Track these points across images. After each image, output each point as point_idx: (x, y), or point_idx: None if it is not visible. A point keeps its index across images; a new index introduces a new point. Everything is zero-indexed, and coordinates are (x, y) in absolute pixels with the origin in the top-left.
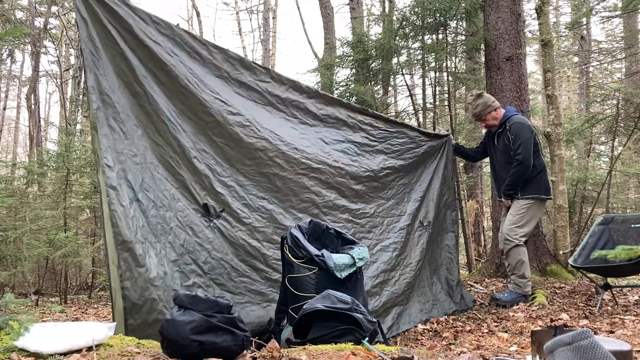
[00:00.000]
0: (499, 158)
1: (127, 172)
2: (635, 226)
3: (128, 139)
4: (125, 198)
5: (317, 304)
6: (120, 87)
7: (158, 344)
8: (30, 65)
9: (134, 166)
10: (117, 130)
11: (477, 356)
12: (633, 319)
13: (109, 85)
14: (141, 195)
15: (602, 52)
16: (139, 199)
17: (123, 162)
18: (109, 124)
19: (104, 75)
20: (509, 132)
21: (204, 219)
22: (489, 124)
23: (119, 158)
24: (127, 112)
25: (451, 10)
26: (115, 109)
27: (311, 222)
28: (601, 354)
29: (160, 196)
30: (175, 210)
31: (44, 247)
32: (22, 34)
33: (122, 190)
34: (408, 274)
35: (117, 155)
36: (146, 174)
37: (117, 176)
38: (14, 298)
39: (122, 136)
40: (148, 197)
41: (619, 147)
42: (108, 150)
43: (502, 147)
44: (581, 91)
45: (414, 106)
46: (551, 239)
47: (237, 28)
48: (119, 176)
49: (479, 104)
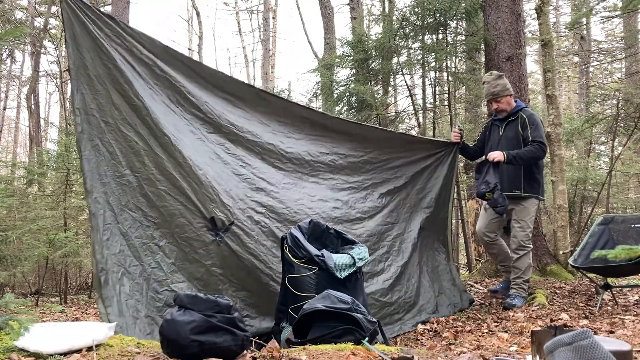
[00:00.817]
0: (504, 147)
1: (109, 195)
2: (635, 226)
3: (115, 159)
4: (101, 225)
5: (317, 304)
6: (115, 102)
7: (158, 344)
8: (30, 65)
9: (119, 188)
10: (102, 151)
11: (477, 356)
12: (633, 319)
13: (98, 105)
14: (124, 217)
15: (602, 52)
16: (119, 222)
17: (106, 184)
18: (94, 144)
19: (93, 93)
20: (527, 120)
21: (209, 233)
22: (501, 107)
23: (102, 180)
24: (121, 128)
25: (451, 10)
26: (101, 129)
27: (311, 222)
28: (601, 354)
29: (153, 214)
30: (172, 226)
31: (44, 247)
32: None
33: (98, 217)
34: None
35: (99, 178)
36: (134, 193)
37: (94, 202)
38: (14, 298)
39: (108, 157)
40: (133, 218)
41: (619, 147)
42: (88, 174)
43: (512, 135)
44: (581, 91)
45: (414, 106)
46: (551, 239)
47: (237, 28)
48: (96, 202)
49: (499, 83)
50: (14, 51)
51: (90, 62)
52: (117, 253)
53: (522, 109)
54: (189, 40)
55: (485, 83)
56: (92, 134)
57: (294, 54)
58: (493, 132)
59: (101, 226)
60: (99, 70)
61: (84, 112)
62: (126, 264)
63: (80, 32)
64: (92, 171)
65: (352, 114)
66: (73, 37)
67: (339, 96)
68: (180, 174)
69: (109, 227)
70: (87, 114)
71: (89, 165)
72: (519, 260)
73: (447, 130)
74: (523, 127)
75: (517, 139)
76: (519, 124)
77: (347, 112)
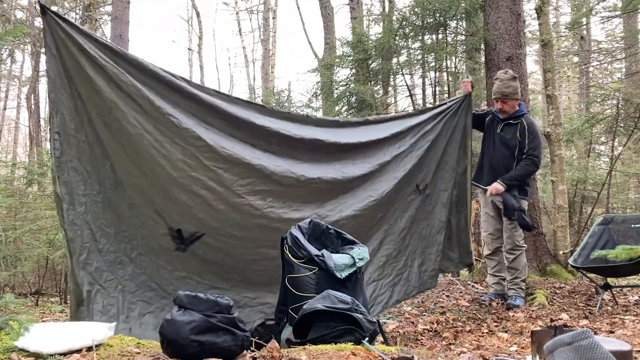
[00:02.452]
0: (497, 147)
1: (87, 214)
2: (635, 226)
3: (91, 178)
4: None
5: (317, 304)
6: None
7: (158, 344)
8: (30, 65)
9: (95, 205)
10: (80, 171)
11: (477, 356)
12: (633, 319)
13: (76, 125)
14: (100, 234)
15: (602, 52)
16: (96, 239)
17: (84, 203)
18: (72, 165)
19: (72, 113)
20: (526, 129)
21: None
22: (505, 108)
23: (80, 200)
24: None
25: (451, 10)
26: (80, 148)
27: (311, 222)
28: (601, 354)
29: (124, 228)
30: (138, 238)
31: (44, 247)
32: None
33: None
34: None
35: (77, 199)
36: (109, 210)
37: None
38: (14, 298)
39: (86, 176)
40: (107, 234)
41: (619, 147)
42: (66, 197)
43: (509, 137)
44: (581, 91)
45: (414, 106)
46: (551, 239)
47: (237, 28)
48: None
49: (511, 85)
50: (14, 51)
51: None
52: (93, 271)
53: (524, 114)
54: (189, 40)
55: (498, 80)
56: (71, 155)
57: (294, 54)
58: (492, 125)
59: (78, 248)
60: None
61: (64, 133)
62: (101, 280)
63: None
64: (70, 193)
65: (352, 113)
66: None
67: (339, 96)
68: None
69: (87, 246)
70: (67, 134)
71: (67, 188)
72: (515, 261)
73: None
74: (522, 134)
75: (513, 143)
76: (519, 129)
77: (347, 112)
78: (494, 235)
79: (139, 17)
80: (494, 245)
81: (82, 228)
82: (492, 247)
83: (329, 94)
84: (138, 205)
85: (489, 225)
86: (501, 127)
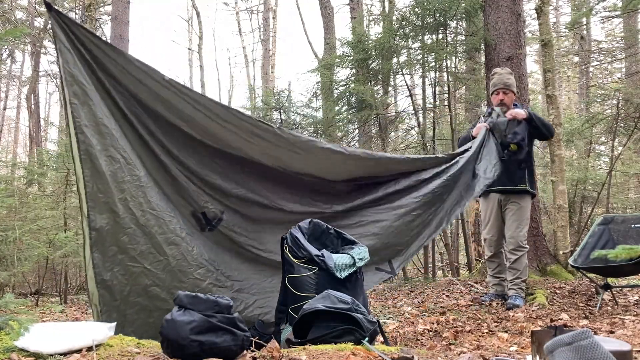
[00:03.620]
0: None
1: (129, 200)
2: (635, 226)
3: (130, 163)
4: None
5: (317, 304)
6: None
7: (158, 344)
8: (30, 65)
9: (138, 190)
10: (117, 159)
11: (477, 356)
12: (633, 319)
13: (104, 114)
14: (147, 217)
15: (602, 52)
16: (142, 224)
17: (125, 190)
18: (108, 154)
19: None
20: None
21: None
22: (506, 100)
23: (121, 187)
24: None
25: (451, 10)
26: (113, 137)
27: (311, 222)
28: (601, 354)
29: (169, 208)
30: (185, 217)
31: (44, 247)
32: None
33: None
34: None
35: (117, 186)
36: (152, 192)
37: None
38: (14, 298)
39: (124, 162)
40: (155, 216)
41: (619, 147)
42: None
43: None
44: (581, 91)
45: (414, 106)
46: (551, 239)
47: (237, 28)
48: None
49: (511, 78)
50: (14, 51)
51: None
52: (137, 254)
53: (519, 106)
54: (189, 40)
55: (497, 74)
56: (105, 144)
57: (294, 54)
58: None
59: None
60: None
61: (94, 124)
62: (146, 262)
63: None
64: (106, 182)
65: (352, 113)
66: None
67: (339, 96)
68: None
69: (129, 230)
70: (97, 124)
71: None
72: (517, 261)
73: (446, 131)
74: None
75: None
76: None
77: (347, 111)
78: (495, 237)
79: (139, 17)
80: (496, 248)
81: (125, 213)
82: (494, 249)
83: (329, 94)
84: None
85: (491, 227)
86: None
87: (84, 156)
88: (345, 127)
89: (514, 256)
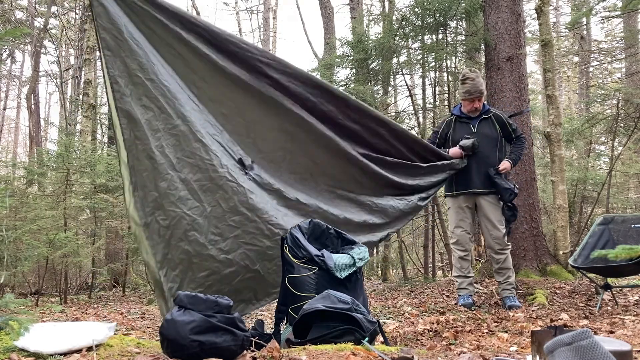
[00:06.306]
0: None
1: (165, 147)
2: (635, 226)
3: (164, 112)
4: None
5: (317, 304)
6: (152, 60)
7: (158, 344)
8: (30, 65)
9: (173, 138)
10: (151, 107)
11: (477, 356)
12: (633, 319)
13: (139, 64)
14: (182, 164)
15: (602, 52)
16: (178, 170)
17: (160, 137)
18: (142, 103)
19: (132, 54)
20: (501, 117)
21: (241, 172)
22: (477, 106)
23: (156, 135)
24: (163, 82)
25: (451, 10)
26: (146, 87)
27: (311, 222)
28: (601, 354)
29: (207, 157)
30: (221, 167)
31: (44, 247)
32: (22, 34)
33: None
34: None
35: (152, 133)
36: (188, 141)
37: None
38: (14, 298)
39: (158, 111)
40: (190, 164)
41: (619, 147)
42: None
43: (489, 132)
44: (581, 91)
45: (414, 106)
46: (551, 239)
47: (237, 28)
48: (149, 158)
49: (482, 82)
50: (14, 51)
51: (121, 23)
52: (177, 200)
53: (489, 108)
54: None
55: (469, 80)
56: (139, 94)
57: (294, 54)
58: (459, 129)
59: (154, 180)
60: (131, 29)
61: (127, 75)
62: (185, 207)
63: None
64: (142, 130)
65: None
66: (100, 4)
67: None
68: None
69: (168, 176)
70: (130, 75)
71: (135, 126)
72: (506, 261)
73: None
74: (500, 124)
75: (494, 135)
76: (495, 121)
77: None
78: (469, 235)
79: None
80: (470, 245)
81: (162, 159)
82: (469, 246)
83: None
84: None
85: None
86: (477, 124)
87: (119, 104)
88: None
89: (502, 256)
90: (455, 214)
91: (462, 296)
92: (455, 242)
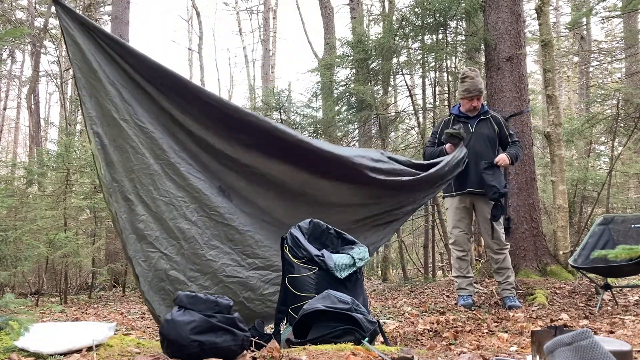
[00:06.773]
0: (478, 145)
1: (139, 188)
2: (635, 226)
3: (138, 153)
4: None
5: (317, 304)
6: (126, 99)
7: (158, 344)
8: (30, 65)
9: (147, 178)
10: (125, 148)
11: (477, 356)
12: (633, 319)
13: (113, 105)
14: (157, 204)
15: (602, 52)
16: (153, 210)
17: (134, 179)
18: (117, 145)
19: (106, 94)
20: (499, 119)
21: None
22: (475, 105)
23: (130, 176)
24: (137, 122)
25: (451, 10)
26: (121, 127)
27: (311, 222)
28: (601, 354)
29: (180, 194)
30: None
31: (44, 247)
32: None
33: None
34: None
35: (127, 174)
36: (162, 180)
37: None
38: (14, 298)
39: (132, 152)
40: (165, 202)
41: (619, 147)
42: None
43: (487, 132)
44: (581, 91)
45: (414, 106)
46: (551, 239)
47: (237, 28)
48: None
49: (481, 81)
50: (14, 51)
51: (96, 64)
52: (154, 240)
53: (488, 110)
54: (189, 40)
55: (468, 79)
56: (113, 135)
57: (294, 54)
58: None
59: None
60: (106, 70)
61: (102, 116)
62: (162, 247)
63: (81, 35)
64: (118, 172)
65: (352, 113)
66: (74, 42)
67: (339, 96)
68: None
69: (143, 217)
70: (105, 115)
71: (112, 169)
72: (505, 260)
73: None
74: (498, 125)
75: (492, 136)
76: (493, 122)
77: (347, 112)
78: (468, 235)
79: (139, 17)
80: (469, 245)
81: (136, 201)
82: (467, 247)
83: (328, 94)
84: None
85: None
86: (475, 124)
87: (98, 147)
88: (345, 127)
89: (502, 255)
90: (453, 215)
91: (461, 297)
92: (453, 242)
